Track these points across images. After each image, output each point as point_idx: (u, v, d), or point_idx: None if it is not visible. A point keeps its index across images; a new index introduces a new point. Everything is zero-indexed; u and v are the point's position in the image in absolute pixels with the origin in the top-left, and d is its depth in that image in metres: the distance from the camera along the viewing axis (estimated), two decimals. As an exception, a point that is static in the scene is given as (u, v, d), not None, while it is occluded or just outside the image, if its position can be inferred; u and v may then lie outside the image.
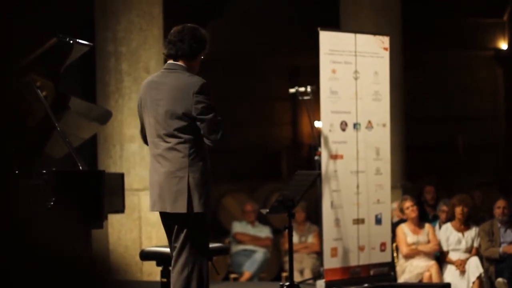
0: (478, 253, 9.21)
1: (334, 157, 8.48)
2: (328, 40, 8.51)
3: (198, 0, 14.09)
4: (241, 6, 15.17)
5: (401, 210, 9.44)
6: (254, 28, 15.20)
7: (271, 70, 16.18)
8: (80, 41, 6.17)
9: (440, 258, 9.28)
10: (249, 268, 10.54)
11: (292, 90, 9.02)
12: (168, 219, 5.44)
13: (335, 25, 10.83)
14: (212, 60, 7.78)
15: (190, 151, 5.30)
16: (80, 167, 5.91)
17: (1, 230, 1.89)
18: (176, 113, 5.28)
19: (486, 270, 9.06)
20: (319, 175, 8.24)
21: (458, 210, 9.22)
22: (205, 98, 5.28)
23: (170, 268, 5.55)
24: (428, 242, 9.22)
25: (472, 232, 9.25)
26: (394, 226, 9.45)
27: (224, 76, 14.35)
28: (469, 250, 9.21)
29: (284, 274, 10.35)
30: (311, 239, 10.47)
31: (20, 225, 1.92)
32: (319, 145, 8.51)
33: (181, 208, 5.28)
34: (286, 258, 9.39)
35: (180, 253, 5.39)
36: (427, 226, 9.36)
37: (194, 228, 5.35)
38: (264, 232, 10.86)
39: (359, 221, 8.65)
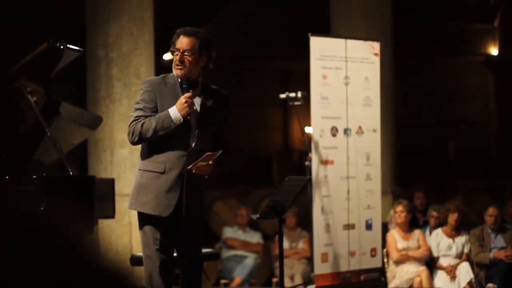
0: (468, 258, 9.21)
1: (324, 162, 8.49)
2: (318, 45, 8.52)
3: (189, 6, 14.09)
4: (233, 11, 15.18)
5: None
6: (246, 33, 15.22)
7: (263, 76, 16.20)
8: (71, 46, 6.17)
9: (431, 263, 9.28)
10: (239, 274, 10.52)
11: (282, 96, 9.03)
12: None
13: (326, 31, 10.84)
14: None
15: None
16: (71, 173, 5.90)
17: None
18: None
19: (476, 276, 9.06)
20: (310, 180, 8.24)
21: (453, 216, 9.20)
22: (139, 97, 5.16)
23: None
24: (418, 247, 9.22)
25: (463, 238, 9.26)
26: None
27: (216, 81, 14.33)
28: (460, 256, 9.21)
29: (275, 280, 10.33)
30: (301, 244, 10.46)
31: (10, 231, 1.92)
32: (310, 151, 8.52)
33: None
34: (277, 264, 9.35)
35: None
36: (417, 231, 9.36)
37: None
38: (254, 237, 10.85)
39: (349, 227, 8.65)
